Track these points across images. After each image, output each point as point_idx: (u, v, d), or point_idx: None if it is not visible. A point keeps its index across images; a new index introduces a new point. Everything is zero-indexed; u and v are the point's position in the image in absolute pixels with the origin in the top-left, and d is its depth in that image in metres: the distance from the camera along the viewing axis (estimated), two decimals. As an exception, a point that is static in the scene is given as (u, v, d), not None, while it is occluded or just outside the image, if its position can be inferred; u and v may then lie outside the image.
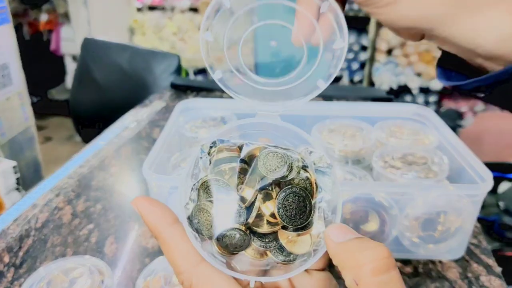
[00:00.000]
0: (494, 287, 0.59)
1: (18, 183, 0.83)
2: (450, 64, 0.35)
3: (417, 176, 0.62)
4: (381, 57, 2.85)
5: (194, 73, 3.09)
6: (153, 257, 0.63)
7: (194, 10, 3.01)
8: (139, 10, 3.03)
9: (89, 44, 1.58)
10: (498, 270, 0.62)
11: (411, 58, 2.79)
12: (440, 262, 0.63)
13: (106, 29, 2.81)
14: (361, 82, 2.92)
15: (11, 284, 0.58)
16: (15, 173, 0.82)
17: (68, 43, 2.96)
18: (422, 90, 2.89)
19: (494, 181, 0.57)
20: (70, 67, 3.04)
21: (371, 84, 2.93)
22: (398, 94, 2.90)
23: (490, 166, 0.60)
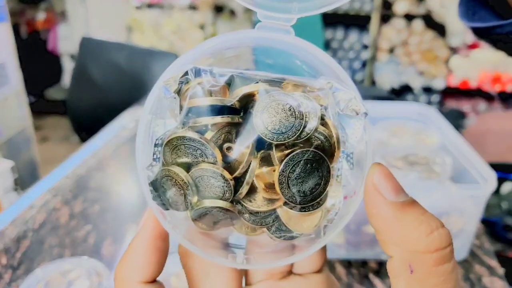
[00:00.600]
0: (497, 289, 0.58)
1: (16, 184, 0.82)
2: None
3: (419, 176, 0.61)
4: (382, 56, 2.84)
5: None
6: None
7: (193, 8, 3.00)
8: (138, 8, 3.02)
9: (86, 43, 1.57)
10: (501, 271, 0.61)
11: (413, 57, 2.77)
12: (442, 263, 0.63)
13: (104, 27, 2.80)
14: (362, 81, 2.91)
15: (9, 285, 0.58)
16: (13, 173, 0.81)
17: (65, 42, 2.95)
18: (424, 90, 2.88)
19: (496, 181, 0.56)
20: (67, 66, 3.03)
21: (373, 83, 2.92)
22: (400, 93, 2.89)
23: (492, 167, 0.59)
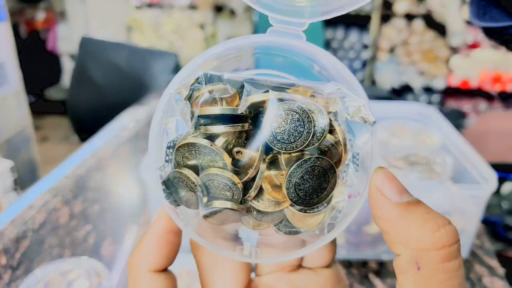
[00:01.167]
0: (498, 289, 0.58)
1: (15, 184, 0.81)
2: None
3: (419, 176, 0.61)
4: (383, 55, 2.83)
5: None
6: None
7: (193, 8, 2.99)
8: (137, 8, 3.02)
9: (86, 43, 1.56)
10: (501, 271, 0.61)
11: (414, 56, 2.76)
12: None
13: (104, 27, 2.79)
14: (362, 81, 2.91)
15: (8, 285, 0.57)
16: (13, 173, 0.81)
17: (65, 42, 2.95)
18: (425, 90, 2.87)
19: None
20: (67, 66, 3.03)
21: (373, 83, 2.92)
22: (400, 93, 2.89)
23: (493, 167, 0.59)
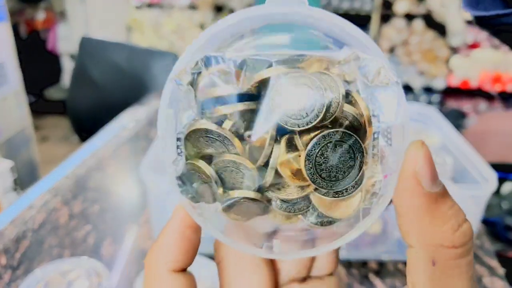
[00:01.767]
0: (497, 289, 0.58)
1: (15, 184, 0.81)
2: None
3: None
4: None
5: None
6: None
7: (193, 7, 2.99)
8: (137, 8, 3.02)
9: (86, 43, 1.56)
10: (501, 271, 0.61)
11: (414, 56, 2.76)
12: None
13: (104, 27, 2.79)
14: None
15: (8, 286, 0.57)
16: (13, 173, 0.81)
17: (65, 42, 2.95)
18: (425, 90, 2.87)
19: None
20: (67, 66, 3.03)
21: (373, 83, 2.91)
22: (400, 93, 2.88)
23: (493, 167, 0.59)
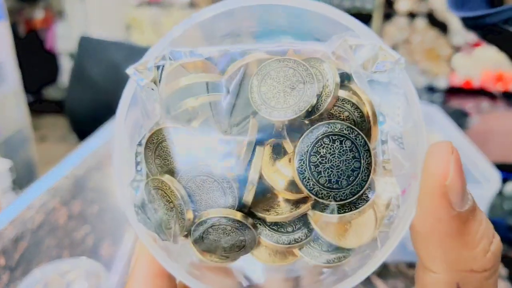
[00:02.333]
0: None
1: (14, 184, 0.81)
2: None
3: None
4: (384, 54, 2.82)
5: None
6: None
7: (193, 6, 2.99)
8: (137, 6, 3.01)
9: (85, 42, 1.56)
10: (504, 272, 0.61)
11: (416, 55, 2.76)
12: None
13: (103, 26, 2.79)
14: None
15: (7, 286, 0.57)
16: (11, 173, 0.80)
17: (63, 41, 2.94)
18: (427, 89, 2.86)
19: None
20: (66, 65, 3.02)
21: (374, 82, 2.91)
22: (401, 92, 2.88)
23: (496, 167, 0.59)
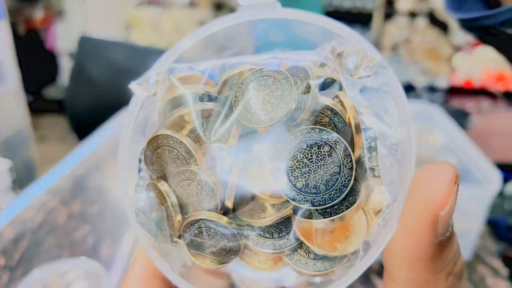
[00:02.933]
0: (501, 290, 0.57)
1: (14, 184, 0.81)
2: None
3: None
4: (385, 54, 2.81)
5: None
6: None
7: (193, 5, 2.98)
8: (137, 6, 3.01)
9: (85, 41, 1.56)
10: (505, 272, 0.60)
11: (416, 55, 2.75)
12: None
13: (103, 25, 2.79)
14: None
15: (7, 287, 0.57)
16: (11, 173, 0.80)
17: (63, 40, 2.94)
18: (428, 89, 2.86)
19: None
20: (65, 65, 3.02)
21: (374, 81, 2.91)
22: (403, 92, 2.87)
23: (496, 166, 0.58)
